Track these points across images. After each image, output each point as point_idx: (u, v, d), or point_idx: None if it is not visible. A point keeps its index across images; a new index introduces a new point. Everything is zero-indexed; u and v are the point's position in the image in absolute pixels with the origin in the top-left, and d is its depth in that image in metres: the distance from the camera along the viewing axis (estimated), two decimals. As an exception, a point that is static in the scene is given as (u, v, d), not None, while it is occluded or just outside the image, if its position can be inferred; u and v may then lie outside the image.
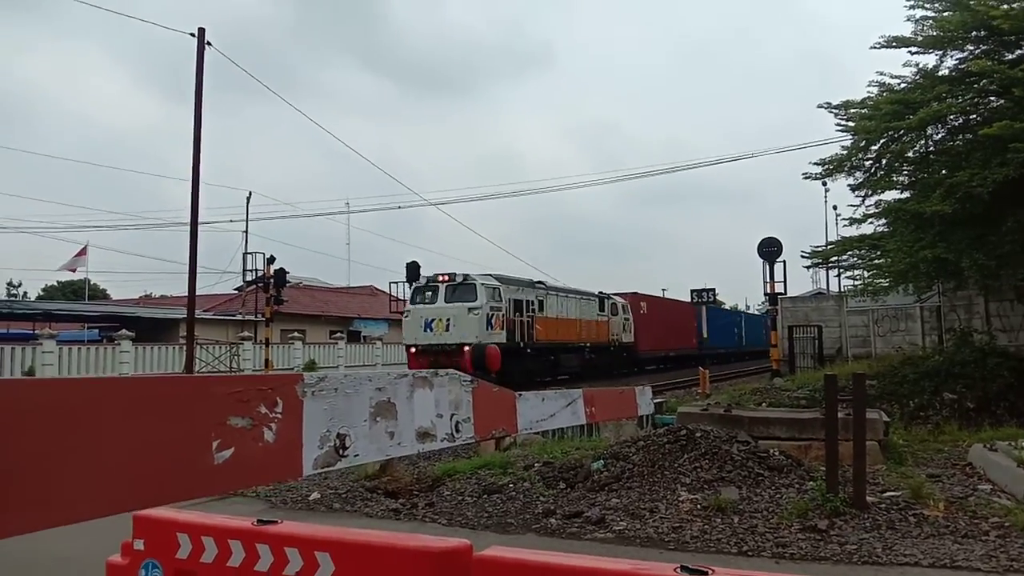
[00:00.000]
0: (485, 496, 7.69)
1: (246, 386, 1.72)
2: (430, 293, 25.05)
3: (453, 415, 2.53)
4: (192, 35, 21.59)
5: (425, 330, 24.40)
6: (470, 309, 23.99)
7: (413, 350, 24.53)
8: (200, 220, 21.92)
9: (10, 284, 66.91)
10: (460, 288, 24.73)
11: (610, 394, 4.26)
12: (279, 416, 1.78)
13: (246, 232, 37.79)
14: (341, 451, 1.98)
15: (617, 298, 35.39)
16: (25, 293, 62.99)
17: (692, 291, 43.85)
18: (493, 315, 24.45)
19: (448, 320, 24.07)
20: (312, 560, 3.06)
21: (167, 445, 1.50)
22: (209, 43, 21.77)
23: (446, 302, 24.50)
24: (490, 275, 25.99)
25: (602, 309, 33.79)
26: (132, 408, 1.44)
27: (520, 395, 3.04)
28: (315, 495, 8.05)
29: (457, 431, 2.52)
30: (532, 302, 27.50)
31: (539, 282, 29.55)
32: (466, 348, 23.36)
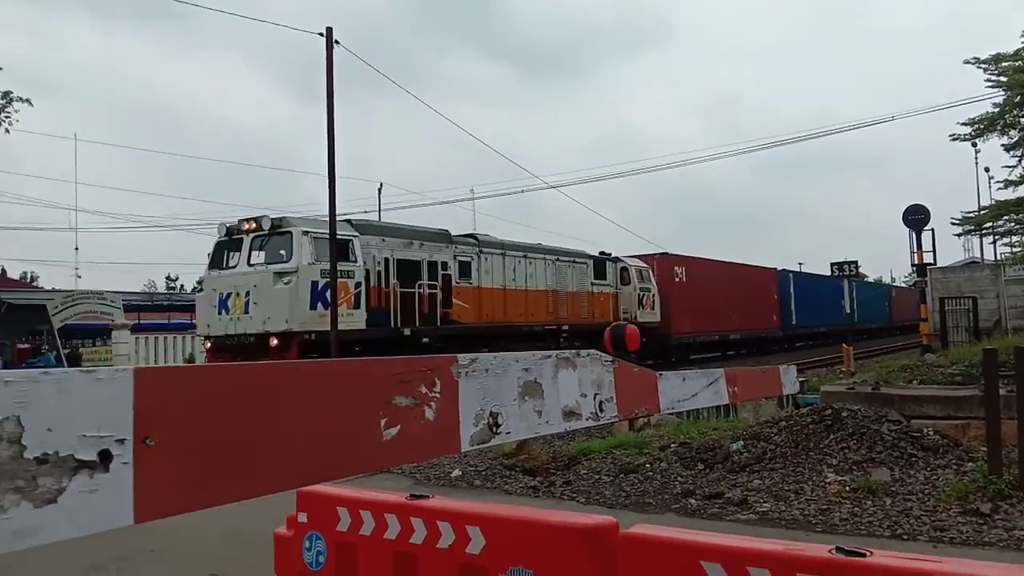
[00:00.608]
0: (622, 476, 7.72)
1: (406, 367, 1.83)
2: (232, 252, 15.99)
3: (596, 395, 2.58)
4: (320, 35, 22.41)
5: (219, 311, 15.40)
6: (278, 275, 14.89)
7: (208, 344, 15.97)
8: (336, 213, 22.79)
9: (168, 278, 72.32)
10: (270, 241, 15.51)
11: (753, 373, 4.19)
12: (437, 395, 1.88)
13: (379, 220, 39.20)
14: (494, 428, 2.07)
15: (632, 261, 25.89)
16: (182, 286, 67.82)
17: (832, 264, 38.01)
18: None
19: (247, 294, 15.04)
20: (463, 534, 3.20)
21: (343, 423, 1.62)
22: (337, 42, 22.55)
23: (249, 264, 15.55)
24: (347, 220, 17.21)
25: (601, 276, 24.27)
26: (313, 389, 1.57)
27: (661, 375, 3.05)
28: (456, 472, 8.33)
29: (601, 410, 2.56)
30: (444, 264, 18.21)
31: (468, 235, 20.31)
32: (274, 340, 14.56)
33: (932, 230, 23.01)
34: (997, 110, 16.15)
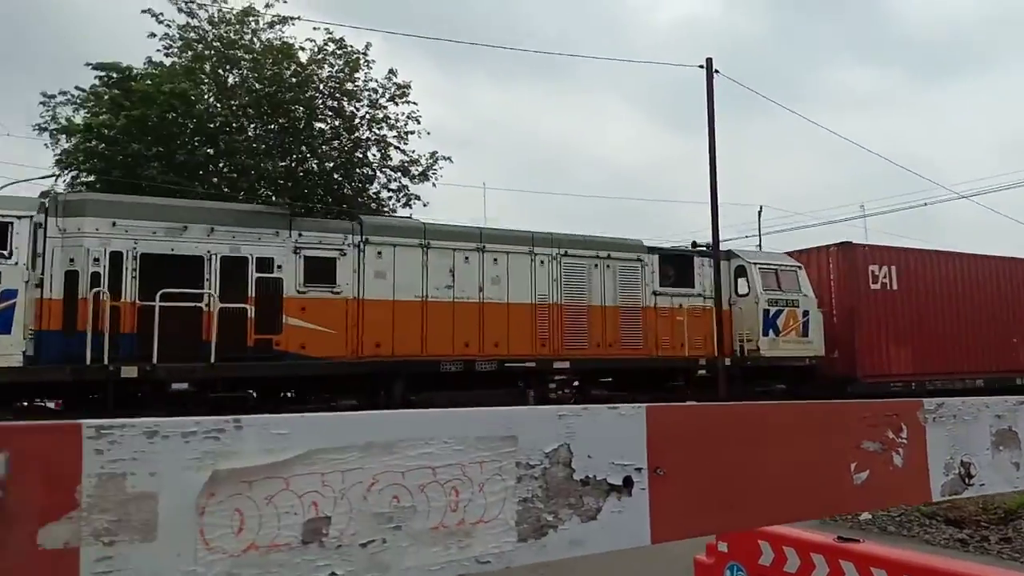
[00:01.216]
0: (1080, 539, 6.53)
1: (874, 412, 1.81)
2: None
3: (1084, 447, 2.26)
4: (700, 67, 22.74)
5: None
6: None
7: None
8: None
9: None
10: None
11: None
12: (904, 441, 1.82)
13: (759, 247, 38.34)
14: (967, 479, 1.93)
15: (759, 257, 16.61)
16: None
17: None
18: None
19: None
20: (904, 586, 3.00)
21: (817, 463, 1.66)
22: (717, 71, 22.68)
23: None
24: (45, 194, 11.59)
25: (681, 281, 15.24)
26: (791, 429, 1.65)
27: None
28: (866, 515, 7.75)
29: (1093, 466, 2.24)
30: (267, 262, 11.51)
31: (341, 212, 12.87)
32: None
33: None
34: None
